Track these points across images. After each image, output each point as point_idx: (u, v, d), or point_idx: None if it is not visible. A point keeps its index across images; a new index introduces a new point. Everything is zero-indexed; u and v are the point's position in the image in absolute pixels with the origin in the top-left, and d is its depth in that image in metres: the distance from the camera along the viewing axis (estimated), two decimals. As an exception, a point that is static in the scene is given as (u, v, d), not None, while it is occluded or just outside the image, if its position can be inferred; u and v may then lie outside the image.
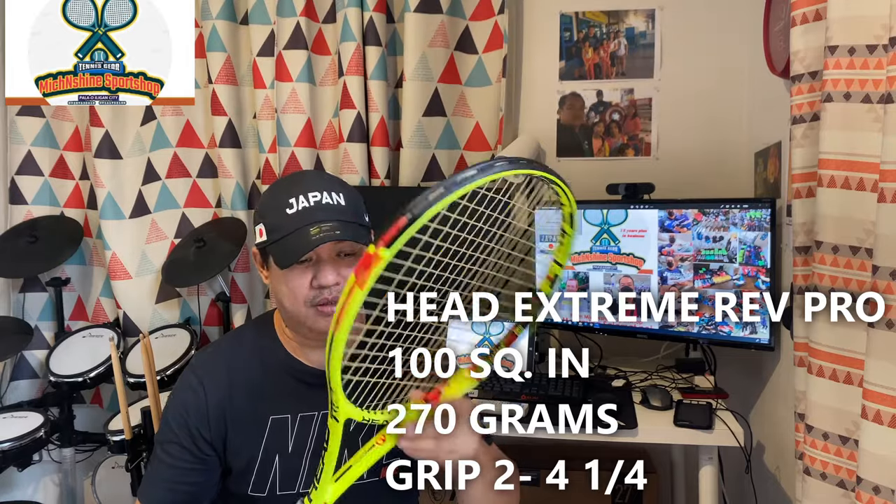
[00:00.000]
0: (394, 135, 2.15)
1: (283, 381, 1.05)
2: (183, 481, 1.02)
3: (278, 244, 0.95)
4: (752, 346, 1.67)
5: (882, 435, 0.93)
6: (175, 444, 1.03)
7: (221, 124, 2.14)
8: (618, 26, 2.15)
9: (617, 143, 2.18)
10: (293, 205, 0.95)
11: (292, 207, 0.95)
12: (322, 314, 0.97)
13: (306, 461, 1.04)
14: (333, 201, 0.96)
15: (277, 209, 0.96)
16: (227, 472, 1.07)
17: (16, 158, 2.14)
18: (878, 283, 0.93)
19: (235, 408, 1.03)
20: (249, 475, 1.03)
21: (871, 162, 1.04)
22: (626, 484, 1.91)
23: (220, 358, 1.09)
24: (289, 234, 0.94)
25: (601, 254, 1.89)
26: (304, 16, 2.06)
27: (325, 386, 1.01)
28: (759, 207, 1.64)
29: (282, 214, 0.95)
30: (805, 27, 1.19)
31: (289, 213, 0.94)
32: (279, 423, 1.03)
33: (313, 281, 0.96)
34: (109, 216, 2.12)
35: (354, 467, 0.82)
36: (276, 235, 0.95)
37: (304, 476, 1.04)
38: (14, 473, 1.97)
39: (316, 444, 1.04)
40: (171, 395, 1.09)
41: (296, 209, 0.95)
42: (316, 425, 1.04)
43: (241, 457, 1.04)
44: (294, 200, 0.95)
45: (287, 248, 0.94)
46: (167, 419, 1.06)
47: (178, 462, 1.02)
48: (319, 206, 0.95)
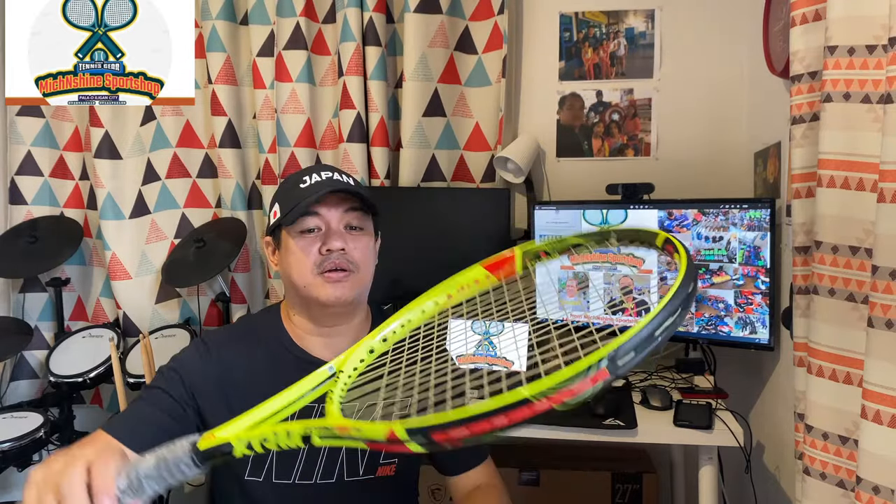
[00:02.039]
0: (393, 135, 2.15)
1: (285, 369, 1.05)
2: (150, 424, 0.98)
3: (291, 212, 1.00)
4: (751, 345, 1.67)
5: (882, 435, 0.93)
6: (159, 390, 1.02)
7: (221, 124, 2.14)
8: (617, 26, 2.15)
9: (617, 144, 2.18)
10: (307, 181, 1.02)
11: (305, 182, 1.02)
12: (328, 281, 1.01)
13: (302, 454, 1.04)
14: (344, 180, 1.03)
15: (292, 188, 1.03)
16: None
17: (16, 158, 2.14)
18: (877, 283, 0.93)
19: (236, 386, 1.04)
20: (246, 459, 1.02)
21: (870, 162, 1.04)
22: (626, 484, 1.93)
23: (230, 337, 1.10)
24: (301, 201, 1.00)
25: (601, 254, 1.88)
26: (304, 16, 2.06)
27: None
28: (759, 207, 1.64)
29: (296, 190, 1.01)
30: (805, 27, 1.19)
31: (302, 187, 1.01)
32: None
33: (321, 248, 1.01)
34: (109, 216, 2.12)
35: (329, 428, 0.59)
36: (289, 207, 1.01)
37: (300, 467, 1.04)
38: (14, 474, 1.97)
39: None
40: (175, 354, 1.10)
41: (309, 183, 1.01)
42: (315, 417, 1.04)
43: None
44: (308, 177, 1.02)
45: (297, 209, 1.00)
46: (162, 370, 1.06)
47: (154, 406, 1.00)
48: (331, 180, 1.02)
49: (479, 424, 0.48)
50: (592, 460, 1.99)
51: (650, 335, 0.47)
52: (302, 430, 0.60)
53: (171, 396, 1.01)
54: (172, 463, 0.60)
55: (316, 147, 2.15)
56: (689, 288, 0.51)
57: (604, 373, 0.46)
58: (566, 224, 1.94)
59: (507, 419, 0.47)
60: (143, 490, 0.60)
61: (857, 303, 1.07)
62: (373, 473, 1.07)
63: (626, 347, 0.47)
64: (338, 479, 1.05)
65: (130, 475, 0.60)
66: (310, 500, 1.04)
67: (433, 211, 2.03)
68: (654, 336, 0.48)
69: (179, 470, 0.60)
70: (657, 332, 0.48)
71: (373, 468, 1.07)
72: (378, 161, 2.08)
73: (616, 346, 0.46)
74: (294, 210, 1.00)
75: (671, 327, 0.48)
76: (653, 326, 0.48)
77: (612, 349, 0.46)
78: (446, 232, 2.00)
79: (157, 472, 0.60)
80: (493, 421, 0.47)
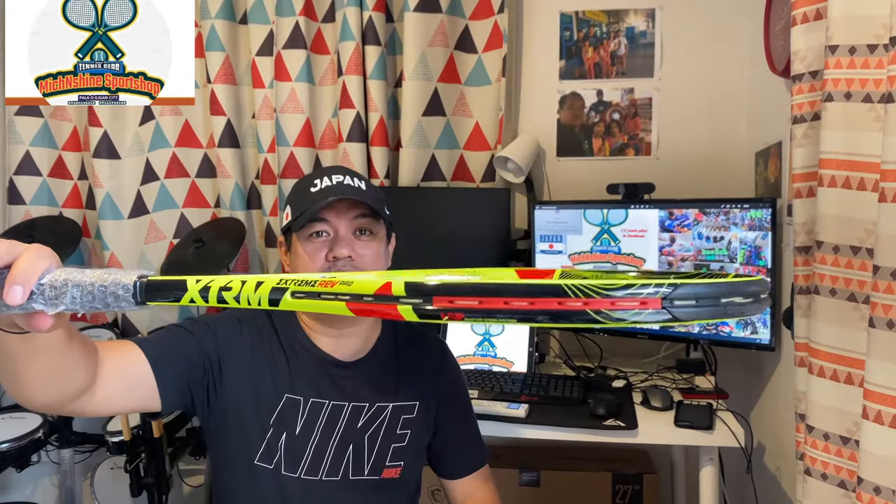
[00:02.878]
0: (393, 134, 2.15)
1: (300, 362, 1.06)
2: (167, 355, 0.96)
3: (300, 217, 1.00)
4: (752, 346, 1.67)
5: (883, 435, 0.93)
6: (186, 331, 1.01)
7: (220, 124, 2.13)
8: (618, 26, 2.15)
9: (617, 143, 2.17)
10: (317, 184, 1.02)
11: (316, 186, 1.02)
12: None
13: (310, 449, 1.04)
14: (355, 184, 1.03)
15: (303, 191, 1.03)
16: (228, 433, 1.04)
17: (14, 158, 2.14)
18: (878, 283, 0.93)
19: (256, 371, 1.04)
20: (260, 443, 1.02)
21: (871, 162, 1.04)
22: (627, 485, 1.92)
23: (259, 320, 1.09)
24: (310, 206, 1.00)
25: (601, 254, 1.89)
26: (304, 15, 2.06)
27: (336, 376, 1.02)
28: (760, 207, 1.63)
29: (306, 193, 1.02)
30: (806, 26, 1.19)
31: (312, 191, 1.02)
32: (292, 402, 1.04)
33: (328, 254, 1.01)
34: (108, 216, 2.12)
35: (308, 282, 0.50)
36: (299, 211, 1.01)
37: (308, 462, 1.04)
38: (12, 474, 1.97)
39: (322, 435, 1.04)
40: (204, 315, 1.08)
41: (319, 188, 1.02)
42: (325, 415, 1.05)
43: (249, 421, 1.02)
44: (318, 181, 1.03)
45: (305, 214, 1.00)
46: (195, 317, 1.07)
47: (174, 341, 1.00)
48: (341, 185, 1.02)
49: (493, 300, 0.41)
50: (593, 461, 1.99)
51: (716, 295, 0.42)
52: (275, 283, 0.51)
53: (193, 337, 1.01)
54: (112, 283, 0.52)
55: (315, 147, 2.15)
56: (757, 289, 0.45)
57: (656, 302, 0.41)
58: (566, 224, 1.93)
59: (528, 303, 0.41)
60: (61, 298, 0.51)
61: (858, 303, 1.07)
62: (378, 475, 1.07)
63: (689, 292, 0.41)
64: (343, 477, 1.05)
65: (57, 277, 0.51)
66: (314, 495, 1.04)
67: (433, 211, 2.03)
68: (719, 300, 0.42)
69: (115, 295, 0.52)
70: (724, 299, 0.43)
71: (378, 469, 1.07)
72: (378, 161, 2.08)
73: (680, 283, 0.41)
74: (303, 215, 1.00)
75: (737, 308, 0.43)
76: (721, 289, 0.43)
77: (674, 283, 0.41)
78: (446, 232, 2.00)
79: (90, 287, 0.51)
80: (512, 301, 0.41)
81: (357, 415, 1.07)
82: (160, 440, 1.69)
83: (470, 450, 1.20)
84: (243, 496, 1.04)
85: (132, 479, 1.71)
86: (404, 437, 1.09)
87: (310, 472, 1.04)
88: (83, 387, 0.79)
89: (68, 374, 0.74)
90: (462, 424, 1.20)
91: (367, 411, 1.07)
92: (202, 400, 1.01)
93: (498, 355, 1.84)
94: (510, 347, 1.84)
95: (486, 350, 1.85)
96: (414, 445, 1.11)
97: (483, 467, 1.20)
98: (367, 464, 1.06)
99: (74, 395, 0.78)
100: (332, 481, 1.04)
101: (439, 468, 1.19)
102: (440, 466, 1.19)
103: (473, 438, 1.22)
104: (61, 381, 0.74)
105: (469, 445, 1.21)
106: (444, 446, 1.17)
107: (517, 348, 1.83)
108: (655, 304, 0.41)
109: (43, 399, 0.76)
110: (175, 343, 1.00)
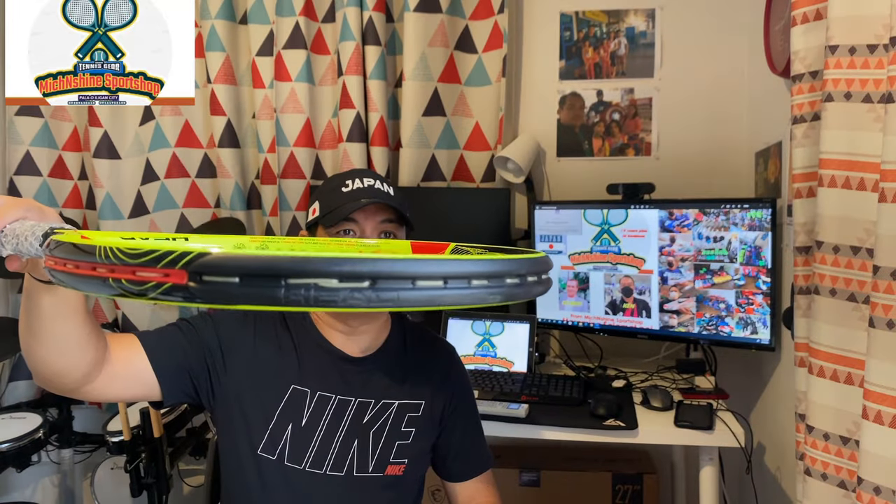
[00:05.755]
0: (393, 135, 2.15)
1: (310, 355, 1.07)
2: (165, 347, 0.99)
3: (331, 214, 1.04)
4: (752, 346, 1.67)
5: (883, 435, 0.93)
6: (187, 324, 1.05)
7: (220, 124, 2.13)
8: (618, 26, 2.15)
9: (617, 143, 2.17)
10: (349, 185, 1.06)
11: (347, 187, 1.06)
12: None
13: (316, 442, 1.04)
14: (385, 189, 1.08)
15: (334, 189, 1.07)
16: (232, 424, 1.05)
17: (14, 158, 2.14)
18: (878, 283, 0.93)
19: (261, 362, 1.05)
20: (263, 433, 1.03)
21: (871, 162, 1.04)
22: (627, 485, 1.92)
23: (268, 312, 1.10)
24: (340, 206, 1.04)
25: (601, 254, 1.89)
26: (304, 15, 2.06)
27: (344, 371, 1.05)
28: (760, 207, 1.63)
29: (337, 192, 1.06)
30: (806, 26, 1.19)
31: (343, 191, 1.05)
32: (298, 394, 1.05)
33: None
34: (108, 216, 2.12)
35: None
36: (329, 208, 1.05)
37: (312, 455, 1.04)
38: (13, 474, 1.97)
39: (328, 428, 1.05)
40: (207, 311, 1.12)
41: (350, 188, 1.06)
42: (331, 408, 1.06)
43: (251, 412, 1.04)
44: (350, 182, 1.06)
45: (337, 212, 1.04)
46: (203, 312, 1.10)
47: (173, 333, 1.03)
48: (372, 189, 1.06)
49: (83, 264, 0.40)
50: (593, 461, 1.99)
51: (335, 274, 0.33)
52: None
53: (195, 331, 1.03)
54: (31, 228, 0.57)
55: (315, 147, 2.15)
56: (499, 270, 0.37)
57: (181, 275, 0.33)
58: (566, 224, 1.93)
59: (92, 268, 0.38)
60: (9, 243, 0.58)
61: (858, 303, 1.07)
62: (382, 471, 1.08)
63: (217, 263, 0.33)
64: (347, 472, 1.05)
65: (14, 227, 0.59)
66: (317, 489, 1.04)
67: (433, 211, 2.03)
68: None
69: (29, 242, 0.56)
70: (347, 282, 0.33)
71: (382, 466, 1.08)
72: (378, 161, 2.08)
73: (207, 253, 0.33)
74: (334, 213, 1.04)
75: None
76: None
77: (203, 252, 0.33)
78: (446, 232, 2.00)
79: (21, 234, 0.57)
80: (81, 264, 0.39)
81: (363, 410, 1.07)
82: (160, 440, 1.70)
83: (474, 454, 1.20)
84: (248, 487, 1.05)
85: (132, 479, 1.71)
86: (409, 434, 1.10)
87: (314, 466, 1.04)
88: (91, 364, 0.86)
89: (82, 346, 0.83)
90: (468, 428, 1.20)
91: (373, 407, 1.08)
92: (206, 390, 1.03)
93: (498, 355, 1.84)
94: (510, 347, 1.84)
95: (486, 350, 1.85)
96: (418, 445, 1.11)
97: (486, 472, 1.20)
98: (372, 460, 1.07)
99: (82, 372, 0.86)
100: (337, 476, 1.05)
101: (443, 471, 1.19)
102: (444, 469, 1.19)
103: (478, 443, 1.22)
104: (75, 350, 0.82)
105: (473, 450, 1.20)
106: (449, 449, 1.17)
107: (517, 348, 1.83)
108: (180, 276, 0.34)
109: (55, 367, 0.83)
110: (174, 335, 1.02)
